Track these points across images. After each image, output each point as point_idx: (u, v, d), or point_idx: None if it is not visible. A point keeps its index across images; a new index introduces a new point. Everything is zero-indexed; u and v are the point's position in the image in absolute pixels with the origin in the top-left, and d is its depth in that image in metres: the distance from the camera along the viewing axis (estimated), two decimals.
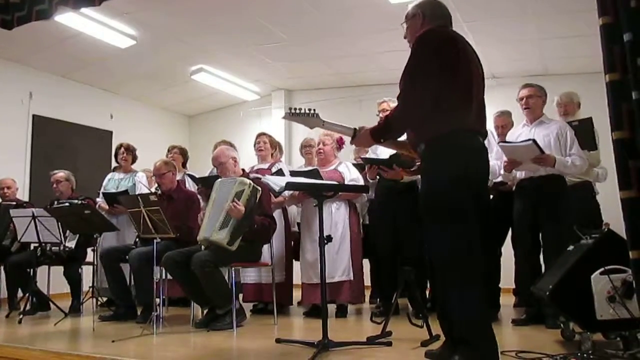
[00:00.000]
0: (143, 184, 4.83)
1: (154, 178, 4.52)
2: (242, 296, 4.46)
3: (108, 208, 4.90)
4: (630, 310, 2.33)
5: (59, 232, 4.21)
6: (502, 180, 3.84)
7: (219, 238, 3.51)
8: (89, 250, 4.67)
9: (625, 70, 1.79)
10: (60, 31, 5.25)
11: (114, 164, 5.50)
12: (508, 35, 5.54)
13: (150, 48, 5.86)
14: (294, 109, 2.58)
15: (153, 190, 4.35)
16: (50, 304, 4.60)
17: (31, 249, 4.50)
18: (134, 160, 5.18)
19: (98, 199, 5.17)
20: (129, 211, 3.74)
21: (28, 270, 4.48)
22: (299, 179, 3.59)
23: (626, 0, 1.78)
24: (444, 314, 2.27)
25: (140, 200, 3.57)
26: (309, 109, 2.57)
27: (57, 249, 4.47)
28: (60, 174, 5.02)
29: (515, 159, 3.49)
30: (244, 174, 4.04)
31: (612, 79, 1.84)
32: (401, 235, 4.04)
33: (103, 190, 5.12)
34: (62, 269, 4.72)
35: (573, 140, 3.55)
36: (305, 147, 4.75)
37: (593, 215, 3.94)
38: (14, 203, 5.07)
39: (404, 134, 2.47)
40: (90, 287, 4.43)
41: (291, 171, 4.53)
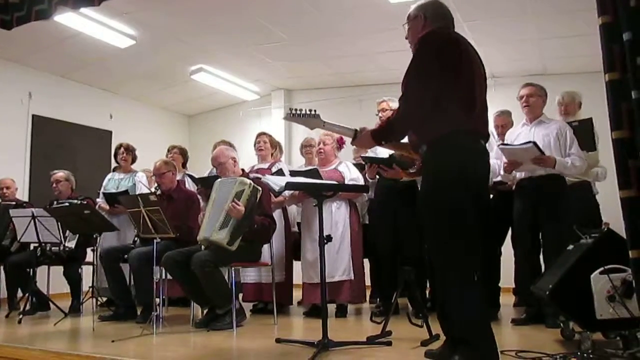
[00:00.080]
0: (143, 184, 4.83)
1: (153, 178, 4.52)
2: (242, 296, 4.47)
3: (109, 208, 4.91)
4: (629, 310, 2.33)
5: (59, 232, 4.21)
6: (502, 180, 3.84)
7: (218, 238, 3.51)
8: (89, 250, 4.68)
9: (625, 70, 1.80)
10: (60, 31, 5.25)
11: (113, 164, 5.49)
12: (508, 35, 5.53)
13: (150, 48, 5.86)
14: (295, 110, 2.56)
15: (153, 190, 4.35)
16: (50, 304, 4.61)
17: (31, 249, 4.50)
18: (134, 160, 5.18)
19: (98, 199, 5.17)
20: (128, 211, 3.74)
21: (28, 270, 4.47)
22: (298, 178, 3.58)
23: None
24: (444, 314, 2.27)
25: (140, 200, 3.57)
26: (310, 110, 2.56)
27: (57, 249, 4.48)
28: (60, 174, 5.03)
29: (515, 160, 3.49)
30: (244, 173, 4.04)
31: (612, 78, 1.84)
32: (401, 235, 4.04)
33: (103, 190, 5.12)
34: (62, 269, 4.73)
35: (573, 140, 3.55)
36: (306, 147, 4.75)
37: (592, 215, 3.94)
38: (13, 203, 5.06)
39: (406, 135, 2.46)
40: (90, 287, 4.43)
41: (291, 171, 4.53)
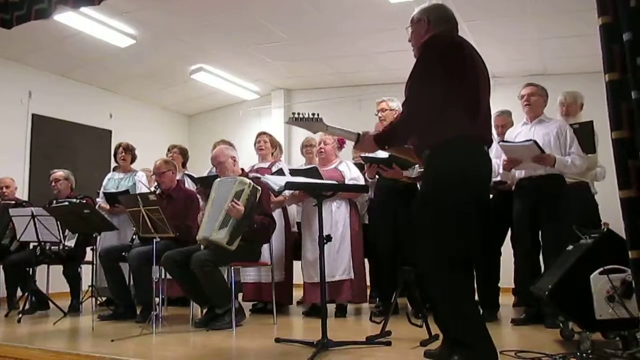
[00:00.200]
0: (143, 184, 4.83)
1: (153, 177, 4.52)
2: (242, 295, 4.47)
3: (109, 208, 4.91)
4: (629, 310, 2.33)
5: (58, 231, 4.21)
6: (502, 179, 3.83)
7: (218, 238, 3.51)
8: (88, 249, 4.68)
9: (625, 70, 1.79)
10: (60, 30, 5.24)
11: (113, 163, 5.49)
12: (508, 35, 5.53)
13: (150, 47, 5.86)
14: (298, 114, 2.53)
15: (152, 189, 4.35)
16: (50, 303, 4.61)
17: (30, 248, 4.49)
18: (133, 159, 5.18)
19: (98, 198, 5.17)
20: (128, 210, 3.74)
21: (27, 269, 4.47)
22: (298, 178, 3.58)
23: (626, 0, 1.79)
24: (437, 314, 2.27)
25: (140, 200, 3.57)
26: (313, 114, 2.53)
27: (57, 248, 4.48)
28: (60, 173, 5.03)
29: (515, 158, 3.49)
30: (243, 173, 4.03)
31: (612, 78, 1.84)
32: (401, 235, 4.03)
33: (103, 190, 5.12)
34: (62, 268, 4.73)
35: (573, 139, 3.55)
36: (306, 147, 4.74)
37: (591, 215, 3.94)
38: (13, 202, 5.06)
39: (409, 140, 2.43)
40: (89, 287, 4.43)
41: (291, 170, 4.53)
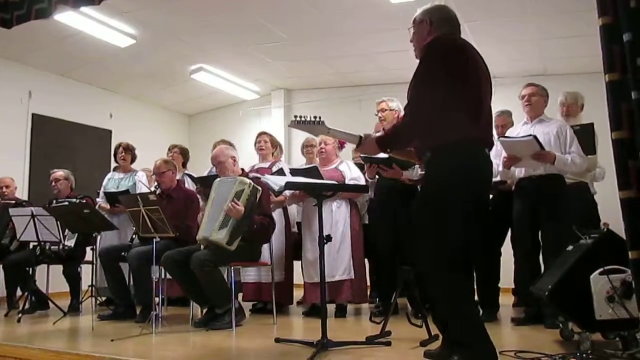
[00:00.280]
0: (143, 183, 4.83)
1: (153, 177, 4.52)
2: (243, 295, 4.47)
3: (109, 208, 4.90)
4: (629, 311, 2.33)
5: (58, 231, 4.21)
6: (501, 179, 3.83)
7: (218, 238, 3.51)
8: (88, 249, 4.68)
9: (625, 70, 1.79)
10: (60, 30, 5.24)
11: (113, 163, 5.49)
12: (508, 35, 5.53)
13: (150, 47, 5.86)
14: (300, 117, 2.52)
15: (152, 189, 4.35)
16: (49, 302, 4.61)
17: (30, 247, 4.49)
18: (133, 159, 5.18)
19: (98, 198, 5.17)
20: (128, 210, 3.74)
21: (27, 269, 4.47)
22: (298, 178, 3.58)
23: (626, 0, 1.78)
24: (435, 314, 2.27)
25: (140, 200, 3.57)
26: (315, 117, 2.52)
27: (56, 247, 4.48)
28: (60, 173, 5.03)
29: (514, 155, 3.48)
30: (243, 173, 4.03)
31: (612, 79, 1.84)
32: (401, 235, 4.03)
33: (103, 190, 5.12)
34: (61, 267, 4.73)
35: (573, 138, 3.55)
36: (307, 147, 4.74)
37: (591, 215, 3.94)
38: (13, 202, 5.06)
39: (411, 143, 2.43)
40: (89, 286, 4.43)
41: (291, 169, 4.54)
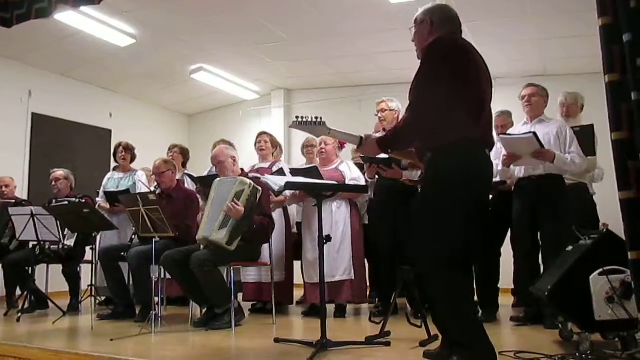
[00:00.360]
0: (143, 183, 4.83)
1: (153, 177, 4.52)
2: (243, 295, 4.46)
3: (109, 207, 4.90)
4: (628, 311, 2.33)
5: (58, 231, 4.21)
6: (501, 178, 3.83)
7: (218, 238, 3.51)
8: (88, 248, 4.68)
9: (625, 71, 1.79)
10: (60, 29, 5.24)
11: (113, 163, 5.49)
12: (508, 35, 5.53)
13: (150, 47, 5.86)
14: (301, 118, 2.53)
15: (152, 189, 4.35)
16: (49, 302, 4.61)
17: (30, 247, 4.50)
18: (133, 159, 5.18)
19: (98, 198, 5.17)
20: (127, 210, 3.74)
21: (26, 268, 4.47)
22: (298, 178, 3.58)
23: (626, 0, 1.78)
24: (435, 315, 2.27)
25: (140, 199, 3.57)
26: (316, 117, 2.52)
27: (56, 247, 4.48)
28: (60, 172, 5.03)
29: (514, 153, 3.48)
30: (243, 173, 4.03)
31: (612, 79, 1.84)
32: (401, 235, 4.03)
33: (103, 189, 5.12)
34: (61, 267, 4.73)
35: (572, 138, 3.55)
36: (307, 147, 4.74)
37: (590, 216, 3.94)
38: (12, 201, 5.06)
39: (412, 144, 2.43)
40: (89, 286, 4.43)
41: (291, 169, 4.54)
